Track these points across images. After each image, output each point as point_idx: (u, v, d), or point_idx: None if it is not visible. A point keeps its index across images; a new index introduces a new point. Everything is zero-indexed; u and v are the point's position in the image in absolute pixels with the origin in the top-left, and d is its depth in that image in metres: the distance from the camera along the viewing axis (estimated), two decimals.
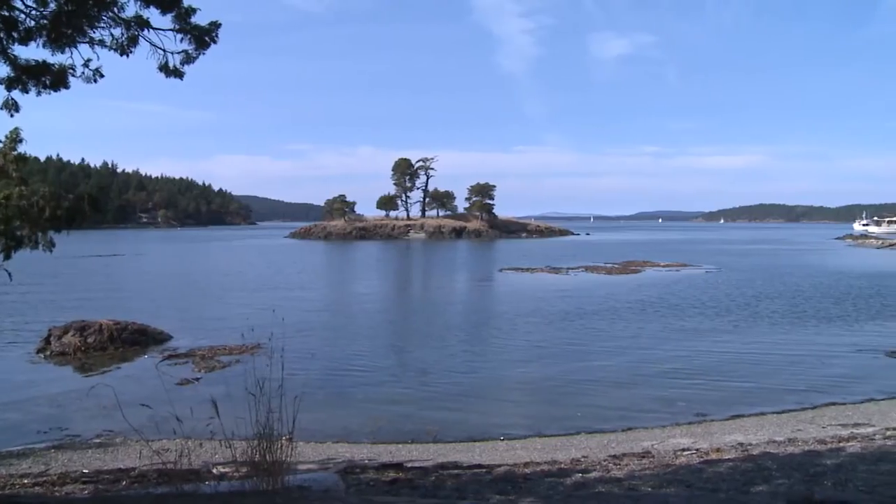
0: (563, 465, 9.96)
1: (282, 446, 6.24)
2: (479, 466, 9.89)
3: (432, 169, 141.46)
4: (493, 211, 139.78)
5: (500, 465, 10.04)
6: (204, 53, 8.82)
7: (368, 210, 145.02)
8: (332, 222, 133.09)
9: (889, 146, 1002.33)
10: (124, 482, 8.67)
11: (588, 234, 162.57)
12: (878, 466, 8.70)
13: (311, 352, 21.61)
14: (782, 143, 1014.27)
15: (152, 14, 8.35)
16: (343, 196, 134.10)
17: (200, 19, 8.61)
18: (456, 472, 9.41)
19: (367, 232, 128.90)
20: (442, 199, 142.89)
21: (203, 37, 8.63)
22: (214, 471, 8.21)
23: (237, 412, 6.34)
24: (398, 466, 9.61)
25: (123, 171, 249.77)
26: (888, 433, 11.74)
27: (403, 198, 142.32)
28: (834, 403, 15.53)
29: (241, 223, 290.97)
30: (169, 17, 8.44)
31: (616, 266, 58.44)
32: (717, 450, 11.01)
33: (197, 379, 17.92)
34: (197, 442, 7.18)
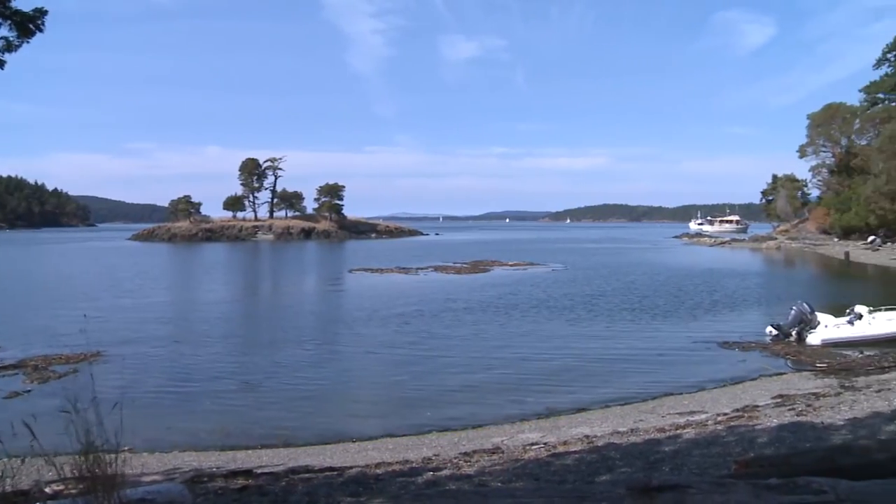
0: (414, 465, 10.02)
1: (117, 458, 5.89)
2: (331, 469, 9.79)
3: (280, 169, 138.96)
4: (343, 211, 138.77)
5: (351, 467, 9.98)
6: (28, 42, 8.23)
7: (215, 211, 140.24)
8: (176, 224, 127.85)
9: (721, 150, 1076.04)
10: None
11: (437, 234, 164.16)
12: (710, 450, 9.29)
13: (154, 359, 20.75)
14: (624, 146, 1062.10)
15: None
16: (188, 196, 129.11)
17: (23, 5, 8.03)
18: (307, 475, 9.26)
19: (213, 233, 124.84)
20: (290, 200, 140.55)
21: (26, 24, 8.05)
22: (48, 489, 7.68)
23: (72, 424, 5.94)
24: (247, 473, 9.36)
25: None
26: (719, 419, 12.56)
27: (251, 198, 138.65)
28: (672, 393, 16.42)
29: (79, 225, 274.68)
30: None
31: (465, 266, 59.36)
32: (565, 443, 11.38)
33: (28, 391, 16.76)
34: (25, 460, 6.63)
